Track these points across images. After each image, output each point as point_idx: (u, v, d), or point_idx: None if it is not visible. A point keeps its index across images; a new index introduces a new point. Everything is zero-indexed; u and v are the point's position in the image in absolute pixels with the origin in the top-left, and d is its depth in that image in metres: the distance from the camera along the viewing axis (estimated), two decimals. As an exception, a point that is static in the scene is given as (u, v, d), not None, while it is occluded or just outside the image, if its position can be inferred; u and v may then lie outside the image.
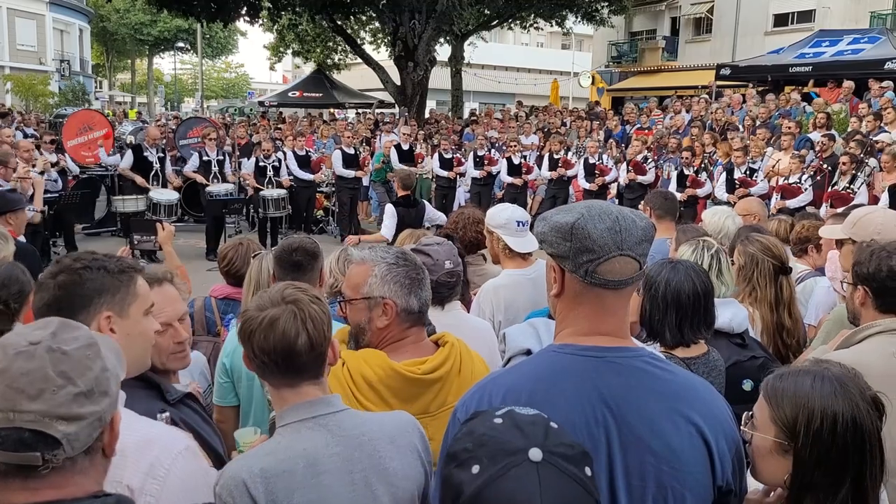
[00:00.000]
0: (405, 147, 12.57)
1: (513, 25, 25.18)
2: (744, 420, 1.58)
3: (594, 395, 1.36)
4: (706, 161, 11.10)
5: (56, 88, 34.41)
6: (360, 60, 21.69)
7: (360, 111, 22.66)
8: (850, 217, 2.96)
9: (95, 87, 45.50)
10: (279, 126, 16.01)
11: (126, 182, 10.58)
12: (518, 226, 3.32)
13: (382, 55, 25.27)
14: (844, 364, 1.56)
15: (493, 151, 13.12)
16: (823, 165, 9.47)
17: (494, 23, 24.33)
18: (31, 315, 2.76)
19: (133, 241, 5.57)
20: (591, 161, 12.02)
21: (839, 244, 3.04)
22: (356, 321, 1.97)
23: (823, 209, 8.32)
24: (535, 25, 25.06)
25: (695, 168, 10.74)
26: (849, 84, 13.33)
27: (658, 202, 4.40)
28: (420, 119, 18.84)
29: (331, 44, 27.03)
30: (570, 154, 12.76)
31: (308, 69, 30.22)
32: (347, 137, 12.35)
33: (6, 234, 3.42)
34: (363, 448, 1.55)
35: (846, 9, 23.51)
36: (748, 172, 9.99)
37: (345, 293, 2.01)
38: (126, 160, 10.54)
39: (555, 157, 12.32)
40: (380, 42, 26.59)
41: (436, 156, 12.52)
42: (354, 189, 11.95)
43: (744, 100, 14.84)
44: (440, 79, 26.04)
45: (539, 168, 12.56)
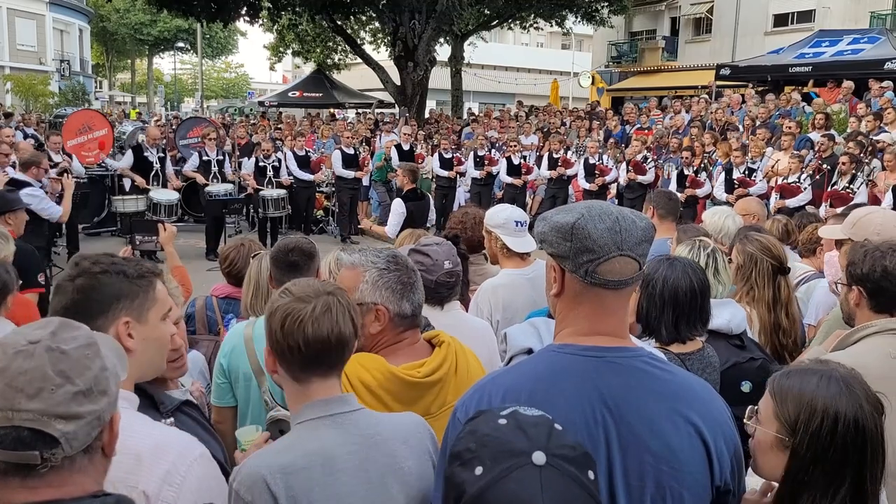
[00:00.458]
0: (405, 147, 12.56)
1: (513, 25, 25.20)
2: (748, 414, 1.59)
3: (594, 395, 1.36)
4: (706, 161, 11.10)
5: (56, 88, 34.38)
6: (360, 60, 21.70)
7: (360, 111, 22.65)
8: (850, 217, 2.96)
9: (95, 88, 45.52)
10: (279, 126, 16.01)
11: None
12: (516, 226, 3.32)
13: (382, 55, 25.26)
14: (845, 365, 1.56)
15: (493, 151, 13.13)
16: (822, 165, 9.47)
17: (494, 23, 24.36)
18: (15, 312, 2.81)
19: (134, 242, 5.56)
20: (591, 161, 12.03)
21: (839, 244, 3.04)
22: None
23: (823, 209, 8.33)
24: (535, 25, 25.07)
25: (694, 168, 10.75)
26: (848, 84, 13.33)
27: (662, 202, 4.37)
28: (420, 119, 18.84)
29: (331, 44, 27.01)
30: (570, 154, 12.77)
31: (308, 69, 30.22)
32: (347, 137, 12.36)
33: (6, 234, 3.43)
34: (379, 448, 1.55)
35: (846, 9, 23.52)
36: (747, 172, 10.00)
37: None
38: (126, 160, 10.56)
39: (554, 157, 12.33)
40: (380, 42, 26.58)
41: (436, 156, 12.53)
42: (354, 189, 11.96)
43: (743, 100, 14.83)
44: (440, 79, 26.05)
45: (539, 168, 12.57)
